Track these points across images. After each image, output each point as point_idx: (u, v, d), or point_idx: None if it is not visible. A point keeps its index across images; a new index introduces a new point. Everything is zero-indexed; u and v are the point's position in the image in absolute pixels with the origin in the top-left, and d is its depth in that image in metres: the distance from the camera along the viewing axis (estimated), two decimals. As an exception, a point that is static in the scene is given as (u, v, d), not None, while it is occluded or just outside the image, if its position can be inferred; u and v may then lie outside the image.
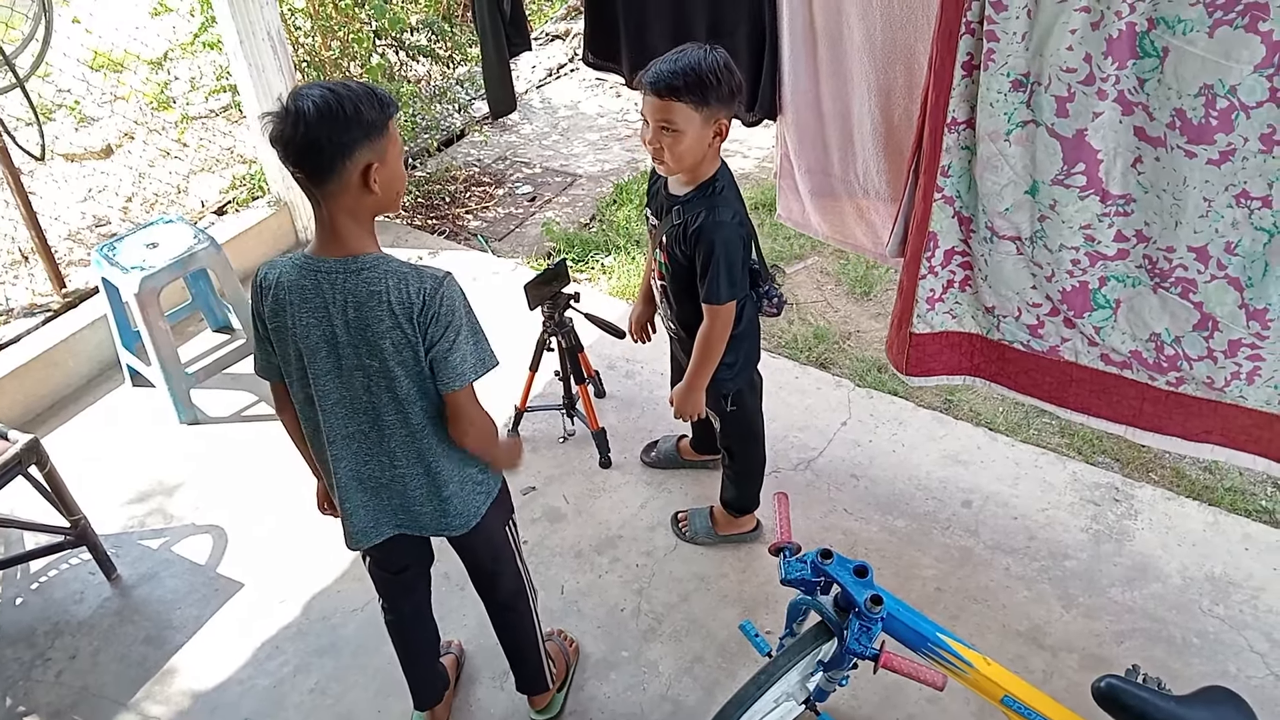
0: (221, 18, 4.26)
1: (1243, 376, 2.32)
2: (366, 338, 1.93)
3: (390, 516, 2.20)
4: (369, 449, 2.09)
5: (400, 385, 1.98)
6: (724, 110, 2.37)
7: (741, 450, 3.05)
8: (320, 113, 1.76)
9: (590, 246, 4.76)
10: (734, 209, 2.49)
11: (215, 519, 3.44)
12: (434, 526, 2.23)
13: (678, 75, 2.29)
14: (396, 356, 1.94)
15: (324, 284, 1.91)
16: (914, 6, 2.70)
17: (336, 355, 1.96)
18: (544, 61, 6.87)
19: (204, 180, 5.30)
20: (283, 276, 1.94)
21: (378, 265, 1.91)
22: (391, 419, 2.04)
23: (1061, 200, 2.31)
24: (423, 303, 1.90)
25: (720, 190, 2.49)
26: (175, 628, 3.08)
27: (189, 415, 3.87)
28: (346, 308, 1.91)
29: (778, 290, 2.77)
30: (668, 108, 2.32)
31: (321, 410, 2.04)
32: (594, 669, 2.86)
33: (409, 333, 1.92)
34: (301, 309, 1.93)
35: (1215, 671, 2.74)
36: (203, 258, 3.80)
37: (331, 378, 1.99)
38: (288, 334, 1.97)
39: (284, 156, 1.81)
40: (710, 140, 2.40)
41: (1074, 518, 3.23)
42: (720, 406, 2.86)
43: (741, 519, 3.17)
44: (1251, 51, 1.93)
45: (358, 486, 2.14)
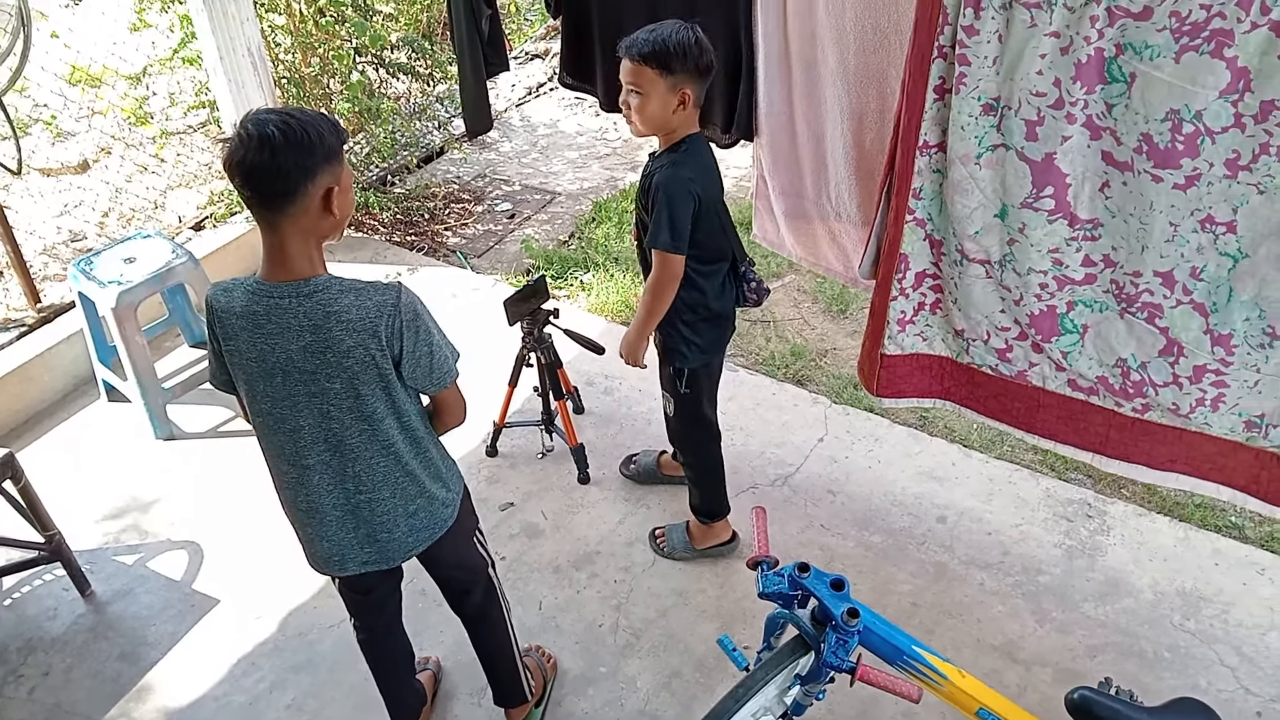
0: (202, 34, 4.27)
1: (1207, 403, 2.35)
2: (327, 360, 1.92)
3: (356, 551, 2.17)
4: (330, 478, 2.07)
5: (366, 403, 1.98)
6: (689, 80, 2.50)
7: (693, 441, 3.07)
8: (286, 138, 1.76)
9: (569, 264, 4.79)
10: (691, 169, 2.59)
11: (191, 535, 3.43)
12: (402, 551, 2.20)
13: (648, 44, 2.48)
14: (361, 375, 1.94)
15: (276, 309, 1.90)
16: (886, 32, 2.74)
17: (293, 382, 1.95)
18: (523, 80, 6.91)
19: (182, 196, 5.29)
20: (234, 303, 1.93)
21: (330, 286, 1.90)
22: (356, 441, 2.03)
23: (1030, 224, 2.35)
24: (385, 318, 1.91)
25: (685, 150, 2.61)
26: (150, 644, 3.06)
27: (165, 430, 3.86)
28: (303, 332, 1.90)
29: (756, 275, 2.84)
30: (636, 71, 2.51)
31: (278, 437, 2.03)
32: (572, 685, 2.87)
33: (373, 349, 1.92)
34: (255, 335, 1.92)
35: (1186, 685, 2.78)
36: (180, 272, 3.80)
37: (289, 404, 1.98)
38: (240, 360, 1.96)
39: (245, 182, 1.80)
40: (674, 106, 2.53)
41: (1047, 533, 3.27)
42: (674, 385, 2.90)
43: (715, 528, 3.19)
44: (1217, 77, 1.97)
45: (319, 518, 2.12)
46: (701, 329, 2.79)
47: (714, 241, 2.70)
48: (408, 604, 2.60)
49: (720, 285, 2.77)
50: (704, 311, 2.76)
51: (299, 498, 2.11)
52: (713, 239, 2.69)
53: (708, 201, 2.62)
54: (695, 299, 2.73)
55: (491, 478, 3.59)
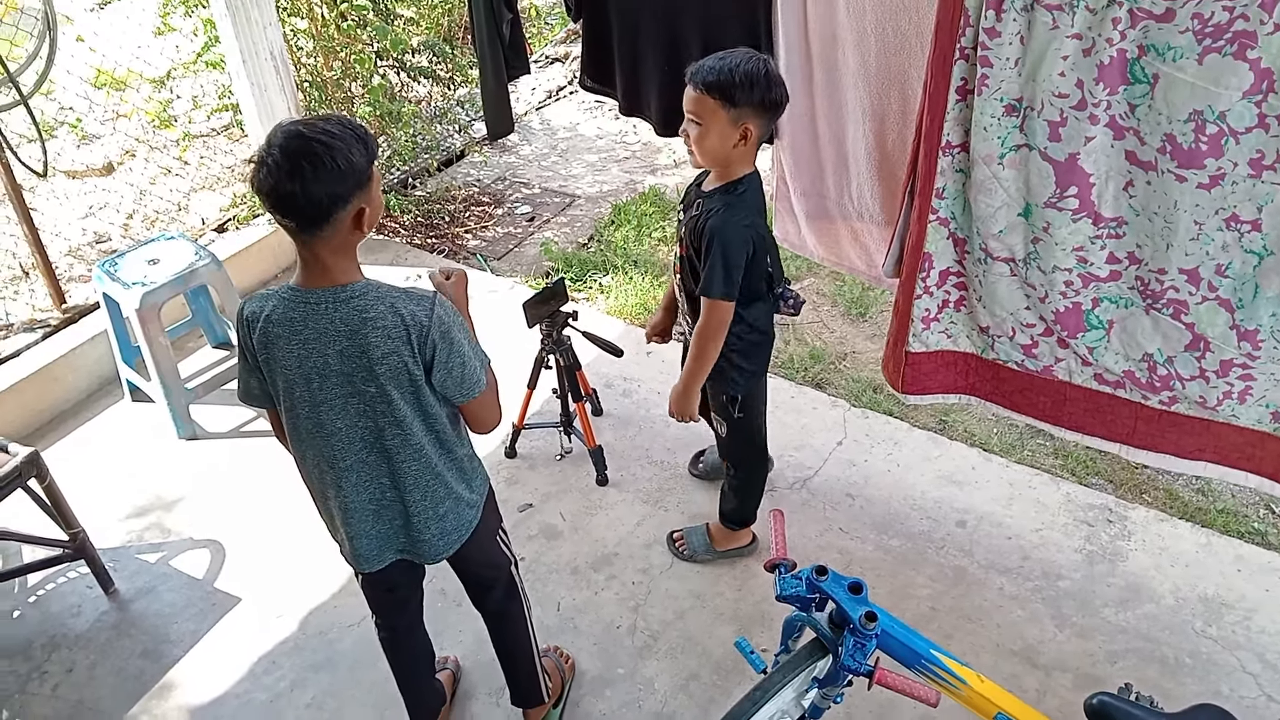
0: (225, 38, 4.30)
1: (1235, 396, 2.35)
2: (362, 364, 1.94)
3: (393, 541, 2.21)
4: (367, 475, 2.10)
5: (398, 408, 2.00)
6: (753, 115, 2.41)
7: (746, 459, 3.06)
8: (316, 169, 1.75)
9: (588, 266, 4.80)
10: (748, 212, 2.53)
11: (213, 534, 3.46)
12: (433, 551, 2.24)
13: (713, 72, 2.36)
14: (393, 380, 1.96)
15: (314, 314, 1.92)
16: (907, 33, 2.74)
17: (331, 384, 1.97)
18: (543, 84, 6.93)
19: (205, 198, 5.33)
20: (271, 310, 1.95)
21: (367, 292, 1.92)
22: (392, 441, 2.05)
23: (1054, 223, 2.34)
24: (420, 327, 1.93)
25: (741, 193, 2.53)
26: (172, 642, 3.08)
27: (188, 430, 3.89)
28: (339, 336, 1.92)
29: (793, 292, 2.81)
30: (699, 100, 2.40)
31: (315, 440, 2.05)
32: (590, 686, 2.87)
33: (405, 356, 1.94)
34: (292, 341, 1.94)
35: (1208, 691, 2.76)
36: (204, 274, 3.83)
37: (326, 408, 2.00)
38: (277, 366, 1.98)
39: (274, 208, 1.80)
40: (735, 141, 2.43)
41: (1068, 538, 3.25)
42: (728, 412, 2.88)
43: (739, 533, 3.19)
44: (1240, 78, 1.97)
45: (358, 513, 2.14)
46: (751, 354, 2.77)
47: (762, 278, 2.66)
48: (428, 603, 2.61)
49: (761, 307, 2.73)
50: (752, 337, 2.73)
51: (335, 498, 2.12)
52: (761, 276, 2.65)
53: (761, 246, 2.58)
54: (743, 330, 2.70)
55: (510, 479, 3.59)
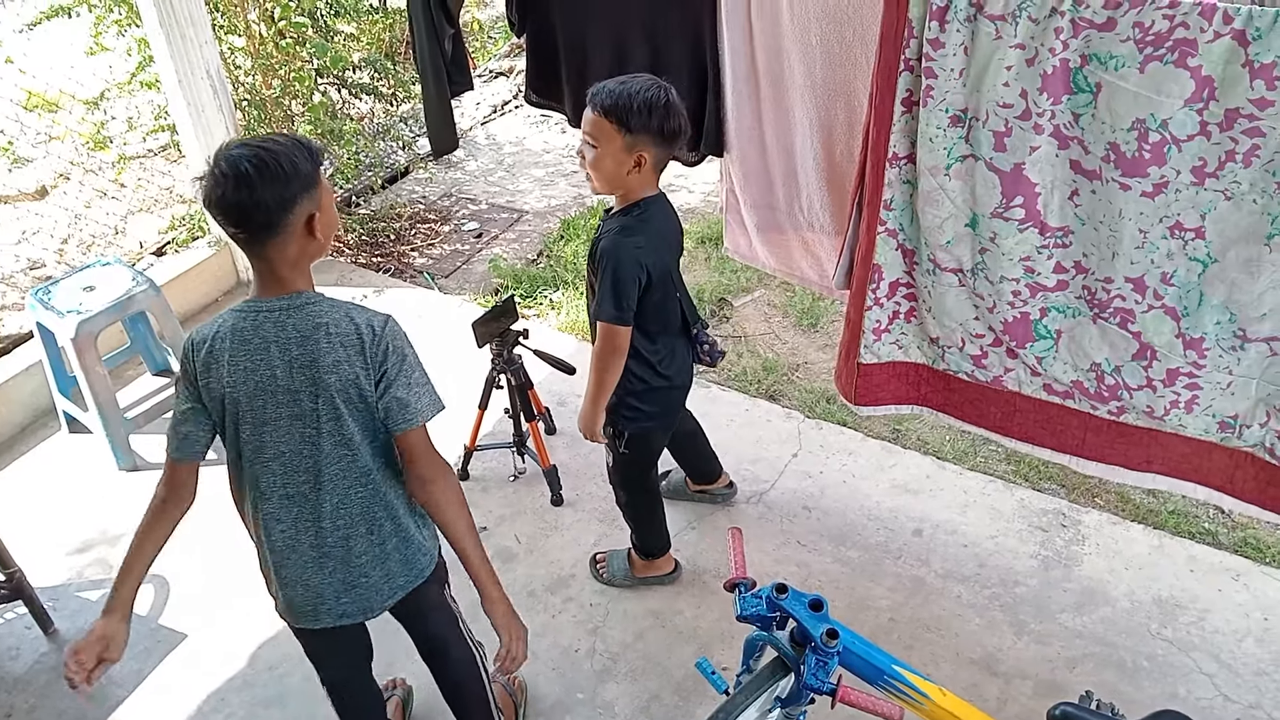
0: (160, 57, 4.21)
1: (1181, 405, 2.37)
2: (311, 376, 1.89)
3: (333, 602, 2.10)
4: (308, 511, 2.01)
5: (346, 425, 1.94)
6: (649, 143, 2.37)
7: (625, 490, 3.00)
8: (261, 173, 1.75)
9: (538, 282, 4.75)
10: (645, 236, 2.47)
11: (156, 568, 3.28)
12: (380, 598, 2.14)
13: (612, 96, 2.34)
14: (343, 394, 1.91)
15: (265, 323, 1.89)
16: (852, 45, 2.74)
17: (277, 402, 1.91)
18: (488, 98, 6.88)
19: (142, 221, 5.22)
20: (220, 328, 1.92)
21: (321, 300, 1.92)
22: (335, 468, 1.98)
23: (1001, 233, 2.35)
24: (373, 334, 1.90)
25: (639, 214, 2.49)
26: (116, 682, 2.98)
27: (128, 461, 3.78)
28: (290, 345, 1.88)
29: (711, 338, 2.77)
30: (594, 122, 2.38)
31: (254, 467, 1.98)
32: (549, 713, 2.82)
33: (357, 366, 1.90)
34: (239, 353, 1.89)
35: (1165, 694, 2.78)
36: (141, 300, 3.73)
37: (270, 429, 1.94)
38: (223, 385, 1.91)
39: (225, 218, 1.80)
40: (629, 167, 2.40)
41: (1023, 544, 3.26)
42: (614, 444, 2.81)
43: (657, 561, 3.14)
44: (1181, 86, 1.98)
45: (296, 557, 2.05)
46: (649, 397, 2.69)
47: (663, 311, 2.59)
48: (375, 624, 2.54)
49: (670, 354, 2.67)
50: (653, 381, 2.65)
51: (274, 533, 2.04)
52: (662, 308, 2.58)
53: (658, 272, 2.50)
54: (642, 370, 2.63)
55: (463, 501, 3.53)
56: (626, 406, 2.70)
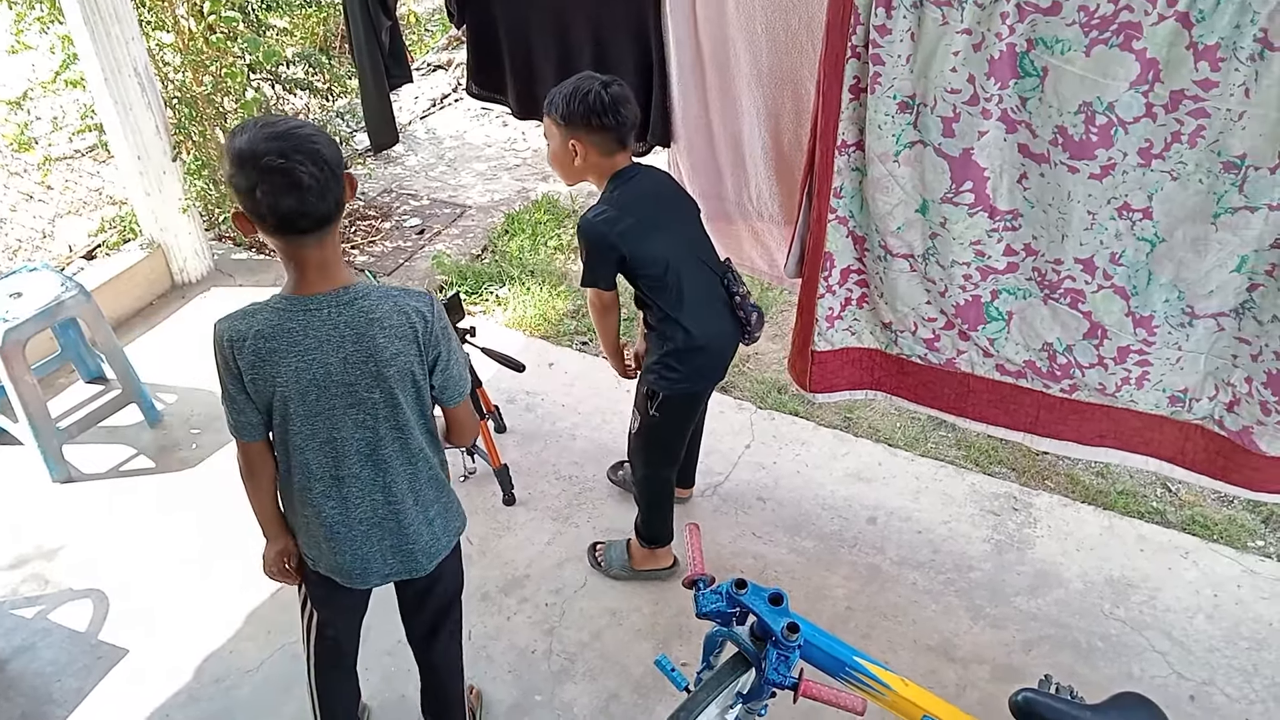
0: (84, 54, 4.07)
1: (1132, 381, 2.39)
2: (368, 369, 1.89)
3: (380, 565, 2.13)
4: (361, 490, 2.03)
5: (402, 412, 1.96)
6: (582, 133, 2.50)
7: (642, 460, 2.96)
8: (332, 169, 1.74)
9: (483, 278, 4.68)
10: (608, 209, 2.55)
11: (95, 583, 3.23)
12: (425, 558, 2.18)
13: (552, 95, 2.52)
14: (400, 383, 1.93)
15: (314, 321, 1.86)
16: (798, 33, 2.72)
17: (331, 394, 1.91)
18: (427, 92, 6.76)
19: (71, 224, 5.05)
20: (262, 325, 1.86)
21: (370, 293, 1.89)
22: (389, 451, 2.00)
23: (951, 218, 2.35)
24: (425, 323, 1.91)
25: (610, 193, 2.59)
26: (55, 702, 2.87)
27: (62, 473, 3.65)
28: (344, 342, 1.87)
29: (753, 303, 2.76)
30: (545, 119, 2.57)
31: (306, 454, 1.97)
32: (508, 716, 2.77)
33: (412, 356, 1.92)
34: (289, 354, 1.86)
35: (1120, 673, 2.80)
36: (71, 306, 3.60)
37: (324, 419, 1.93)
38: (275, 382, 1.88)
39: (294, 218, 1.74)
40: (572, 157, 2.55)
41: (975, 529, 3.28)
42: (645, 405, 2.80)
43: (657, 553, 3.11)
44: (1127, 69, 1.99)
45: (351, 529, 2.07)
46: (684, 356, 2.67)
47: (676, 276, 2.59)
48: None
49: (705, 314, 2.66)
50: (687, 341, 2.64)
51: (325, 510, 2.04)
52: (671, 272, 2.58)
53: (643, 242, 2.54)
54: (674, 331, 2.63)
55: (413, 503, 3.46)
56: (664, 366, 2.71)
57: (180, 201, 4.44)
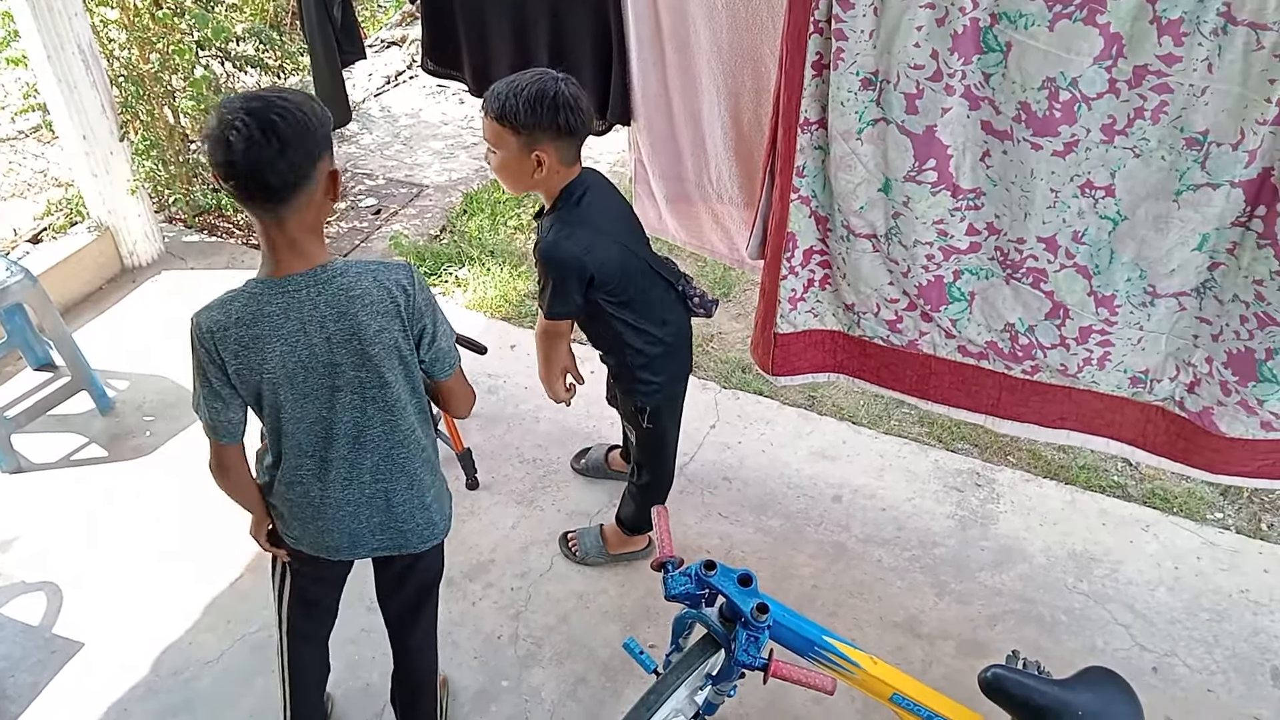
0: (25, 31, 3.94)
1: (1094, 362, 2.39)
2: (353, 348, 1.86)
3: (369, 539, 2.12)
4: (347, 472, 2.01)
5: (391, 391, 1.94)
6: (547, 140, 2.31)
7: (651, 467, 2.96)
8: (291, 125, 1.68)
9: (442, 259, 4.62)
10: (571, 228, 2.40)
11: (47, 575, 3.16)
12: (417, 541, 2.16)
13: (499, 98, 2.28)
14: (387, 360, 1.90)
15: (294, 303, 1.82)
16: (758, 8, 2.69)
17: (316, 376, 1.88)
18: (381, 69, 6.65)
19: (15, 206, 4.91)
20: (240, 313, 1.81)
21: (347, 269, 1.85)
22: (376, 432, 1.98)
23: (914, 196, 2.33)
24: (406, 296, 1.88)
25: (569, 208, 2.43)
26: (9, 698, 2.81)
27: (11, 463, 3.56)
28: (326, 321, 1.83)
29: (698, 290, 2.75)
30: (491, 127, 2.34)
31: (296, 435, 1.94)
32: (473, 702, 2.75)
33: (396, 331, 1.88)
34: (272, 339, 1.82)
35: (1084, 647, 2.83)
36: (16, 291, 3.50)
37: (311, 400, 1.90)
38: (260, 370, 1.85)
39: (250, 177, 1.69)
40: (531, 169, 2.35)
41: (939, 505, 3.29)
42: (637, 421, 2.79)
43: (635, 538, 3.10)
44: (1091, 44, 1.98)
45: (334, 510, 2.04)
46: (657, 365, 2.66)
47: (637, 287, 2.55)
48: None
49: (660, 318, 2.63)
50: (655, 347, 2.62)
51: (312, 491, 2.02)
52: (634, 284, 2.53)
53: (612, 259, 2.46)
54: (641, 343, 2.60)
55: (374, 489, 3.42)
56: (640, 382, 2.68)
57: (129, 183, 4.33)
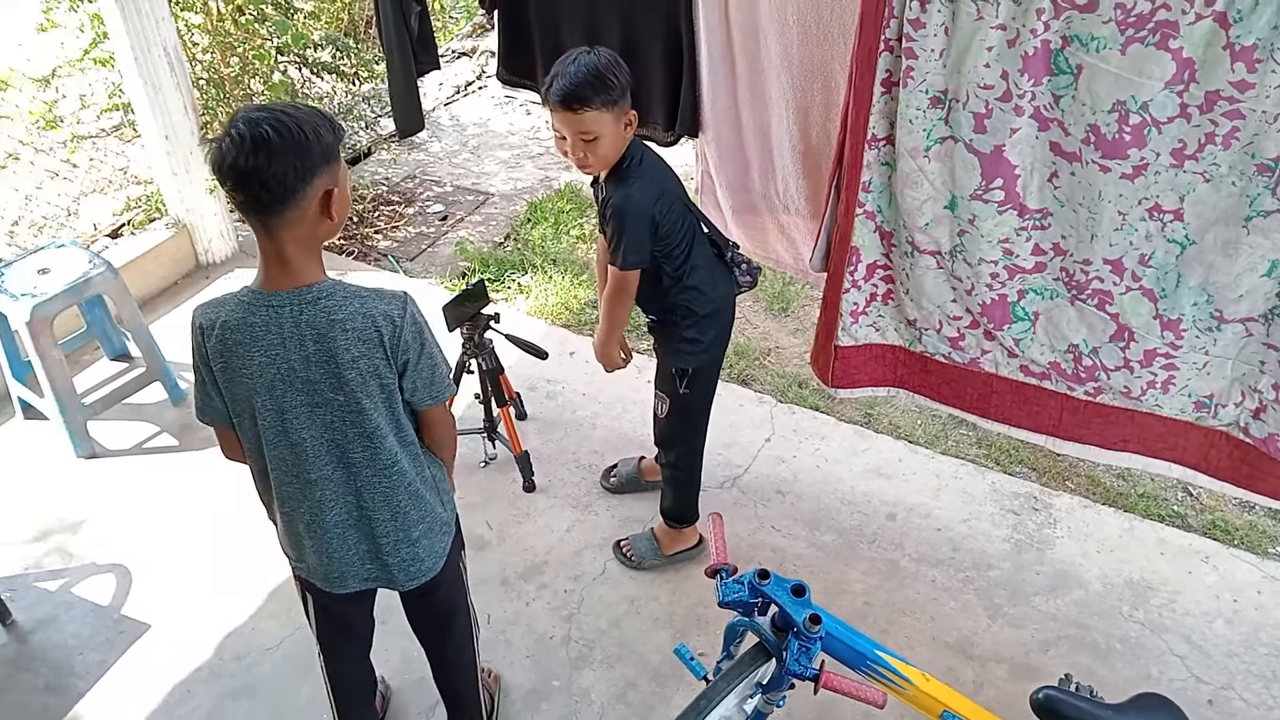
0: (115, 34, 4.09)
1: (1158, 385, 2.38)
2: (330, 370, 1.84)
3: (359, 569, 2.10)
4: (333, 493, 1.99)
5: (369, 419, 1.91)
6: (627, 101, 2.44)
7: (679, 441, 2.98)
8: (282, 137, 1.67)
9: (506, 266, 4.69)
10: (639, 181, 2.51)
11: (118, 557, 3.27)
12: (403, 578, 2.14)
13: (582, 85, 2.36)
14: (363, 388, 1.87)
15: (276, 319, 1.82)
16: (829, 25, 2.71)
17: (295, 393, 1.87)
18: (451, 79, 6.77)
19: (96, 202, 5.07)
20: (228, 316, 1.84)
21: (334, 292, 1.83)
22: (358, 456, 1.95)
23: (980, 215, 2.34)
24: (393, 327, 1.85)
25: (626, 166, 2.53)
26: (78, 674, 2.90)
27: (86, 448, 3.68)
28: (305, 341, 1.82)
29: (744, 258, 2.80)
30: (581, 119, 2.39)
31: (279, 451, 1.94)
32: (525, 700, 2.78)
33: (377, 361, 1.86)
34: (253, 348, 1.83)
35: (1139, 675, 2.80)
36: (98, 283, 3.62)
37: (292, 416, 1.89)
38: (238, 375, 1.86)
39: (237, 187, 1.71)
40: (624, 132, 2.47)
41: (995, 528, 3.27)
42: (673, 386, 2.82)
43: (684, 532, 3.13)
44: (1163, 68, 1.98)
45: (326, 532, 2.03)
46: (704, 325, 2.72)
47: (690, 238, 2.63)
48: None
49: (711, 276, 2.71)
50: (704, 306, 2.69)
51: (300, 511, 2.02)
52: (688, 235, 2.62)
53: (672, 209, 2.56)
54: (692, 296, 2.67)
55: (433, 488, 3.48)
56: (686, 341, 2.73)
57: (207, 182, 4.46)
